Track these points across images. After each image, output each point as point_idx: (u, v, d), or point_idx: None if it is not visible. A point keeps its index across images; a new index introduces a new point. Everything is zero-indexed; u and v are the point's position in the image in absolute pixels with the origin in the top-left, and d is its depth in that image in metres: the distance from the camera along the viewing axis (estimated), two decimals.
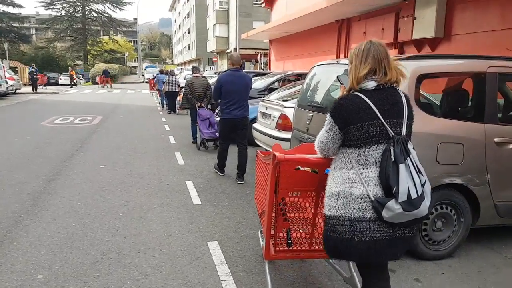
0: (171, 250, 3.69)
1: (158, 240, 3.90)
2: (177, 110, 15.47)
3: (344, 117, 2.06)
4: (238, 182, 6.00)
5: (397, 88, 2.13)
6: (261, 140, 7.04)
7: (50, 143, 8.83)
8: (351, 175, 2.06)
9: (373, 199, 1.99)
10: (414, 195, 1.96)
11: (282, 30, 23.34)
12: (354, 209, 2.01)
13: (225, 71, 6.33)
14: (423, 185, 2.01)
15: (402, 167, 1.96)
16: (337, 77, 2.42)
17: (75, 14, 56.97)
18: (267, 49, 38.86)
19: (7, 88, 22.07)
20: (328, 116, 2.15)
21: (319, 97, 4.27)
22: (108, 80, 37.25)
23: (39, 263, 3.37)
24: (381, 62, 2.08)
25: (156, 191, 5.50)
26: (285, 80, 12.66)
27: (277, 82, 12.28)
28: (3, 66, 22.59)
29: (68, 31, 57.47)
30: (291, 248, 2.70)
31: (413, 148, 2.06)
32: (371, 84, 2.07)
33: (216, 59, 49.82)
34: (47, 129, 10.94)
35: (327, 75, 4.35)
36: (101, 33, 63.09)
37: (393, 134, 2.02)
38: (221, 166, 6.37)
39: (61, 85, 39.88)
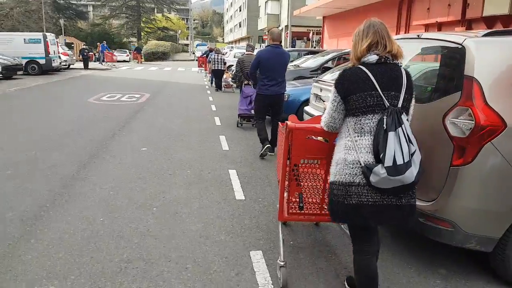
0: (206, 260, 3.09)
1: (193, 245, 3.32)
2: (223, 88, 15.45)
3: (345, 87, 2.20)
4: (269, 153, 6.09)
5: (399, 64, 2.25)
6: None
7: (93, 122, 8.55)
8: (347, 142, 2.21)
9: (363, 164, 2.12)
10: (399, 162, 2.05)
11: (337, 5, 22.01)
12: (346, 174, 2.17)
13: (266, 47, 6.27)
14: (412, 154, 2.11)
15: (391, 135, 2.05)
16: None
17: None
18: (319, 27, 37.46)
19: (60, 63, 22.53)
20: (332, 87, 2.28)
21: None
22: (138, 56, 40.36)
23: (54, 270, 2.89)
24: (382, 36, 2.22)
25: (196, 180, 4.94)
26: (341, 59, 11.68)
27: (331, 61, 11.34)
28: (57, 41, 23.04)
29: (123, 8, 58.53)
30: (302, 211, 2.90)
31: (407, 120, 2.18)
32: (373, 58, 2.20)
33: (266, 37, 48.74)
34: (93, 106, 10.75)
35: (405, 52, 3.50)
36: (155, 11, 63.75)
37: (389, 105, 2.13)
38: (262, 140, 6.13)
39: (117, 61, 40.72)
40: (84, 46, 29.20)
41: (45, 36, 20.67)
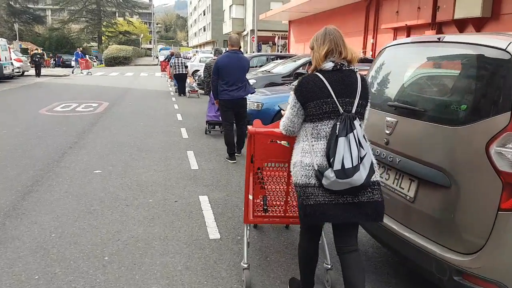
0: None
1: None
2: (187, 94, 15.04)
3: (303, 94, 2.29)
4: (236, 154, 6.31)
5: (355, 70, 2.33)
6: None
7: (42, 137, 7.51)
8: (305, 146, 2.31)
9: (316, 167, 2.22)
10: (348, 165, 2.13)
11: (303, 10, 21.62)
12: (302, 175, 2.27)
13: (224, 53, 6.41)
14: (361, 158, 2.17)
15: (341, 140, 2.15)
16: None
17: None
18: (285, 31, 37.15)
19: (12, 70, 20.91)
20: (291, 93, 2.36)
21: (406, 94, 2.76)
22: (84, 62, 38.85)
23: None
24: (337, 43, 2.31)
25: (160, 213, 4.11)
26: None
27: (303, 66, 10.75)
28: (9, 47, 21.41)
29: (83, 12, 56.31)
30: (267, 213, 2.93)
31: (360, 125, 2.23)
32: (329, 65, 2.28)
33: None
34: (44, 118, 9.64)
35: (416, 60, 2.84)
36: (116, 15, 61.77)
37: (342, 111, 2.22)
38: (230, 152, 6.24)
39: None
40: (36, 51, 25.76)
41: None
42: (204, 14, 67.54)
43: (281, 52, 32.39)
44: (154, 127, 8.79)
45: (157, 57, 49.18)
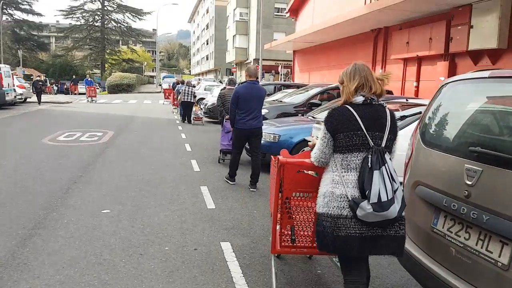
0: None
1: None
2: (192, 121, 15.38)
3: (334, 125, 2.36)
4: (251, 189, 6.22)
5: (384, 105, 2.41)
6: None
7: (43, 171, 7.04)
8: (335, 177, 2.36)
9: (350, 199, 2.26)
10: (384, 198, 2.19)
11: (308, 40, 21.55)
12: (334, 207, 2.29)
13: (242, 83, 6.46)
14: (395, 191, 2.23)
15: (376, 173, 2.20)
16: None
17: (95, 23, 56.26)
18: (288, 60, 37.31)
19: (15, 96, 20.64)
20: (322, 125, 2.44)
21: (489, 137, 2.33)
22: (76, 88, 39.80)
23: None
24: (367, 78, 2.39)
25: (178, 264, 3.61)
26: (324, 93, 10.80)
27: (316, 96, 10.41)
28: (12, 73, 21.23)
29: (87, 40, 56.81)
30: (295, 244, 3.00)
31: (390, 159, 2.31)
32: (359, 99, 2.36)
33: (235, 69, 48.34)
34: (47, 149, 9.20)
35: (492, 96, 2.43)
36: (120, 43, 62.38)
37: (373, 144, 2.28)
38: (232, 175, 6.48)
39: (79, 93, 38.74)
40: (38, 78, 25.54)
41: None
42: (207, 44, 68.38)
43: (284, 81, 32.40)
44: (162, 159, 8.34)
45: (160, 85, 49.28)
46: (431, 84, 13.44)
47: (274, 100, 11.26)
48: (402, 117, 4.70)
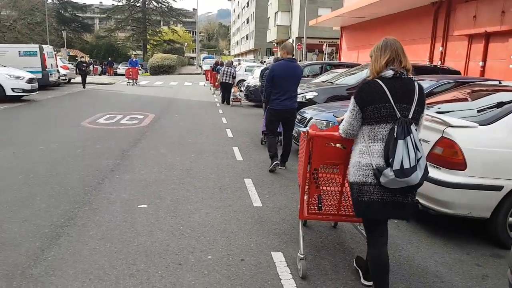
0: None
1: None
2: (231, 102, 15.23)
3: (363, 98, 2.48)
4: (280, 167, 6.10)
5: (414, 79, 2.53)
6: None
7: (80, 157, 6.68)
8: (362, 147, 2.51)
9: (374, 167, 2.42)
10: (406, 166, 2.33)
11: (359, 15, 20.19)
12: (360, 175, 2.48)
13: (279, 61, 6.02)
14: (418, 160, 2.38)
15: (400, 142, 2.34)
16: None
17: (136, 3, 56.56)
18: (332, 38, 35.71)
19: (58, 77, 20.79)
20: (352, 98, 2.56)
21: None
22: (111, 69, 40.14)
23: None
24: (398, 53, 2.50)
25: (223, 280, 3.03)
26: None
27: None
28: (55, 54, 21.37)
29: (129, 21, 57.33)
30: (321, 211, 3.17)
31: (416, 130, 2.42)
32: (389, 73, 2.48)
33: (276, 49, 47.17)
34: (85, 132, 8.91)
35: None
36: (161, 23, 62.60)
37: (400, 116, 2.41)
38: (272, 155, 6.07)
39: (119, 74, 39.13)
40: (82, 59, 23.79)
41: (41, 49, 18.97)
42: (248, 22, 67.28)
43: (330, 60, 31.11)
44: (203, 145, 7.81)
45: (200, 66, 49.05)
46: (501, 64, 12.10)
47: (323, 82, 10.41)
48: (500, 104, 3.84)
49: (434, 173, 3.78)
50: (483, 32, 12.42)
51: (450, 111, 4.33)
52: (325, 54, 32.72)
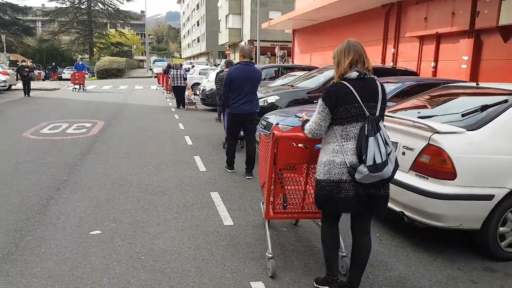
0: None
1: None
2: (186, 106, 14.91)
3: (332, 100, 2.59)
4: (247, 177, 5.90)
5: (375, 78, 2.66)
6: None
7: (21, 173, 5.91)
8: (335, 146, 2.62)
9: (348, 165, 2.55)
10: (378, 161, 2.46)
11: (311, 17, 20.22)
12: (335, 173, 2.59)
13: (235, 64, 6.07)
14: (388, 154, 2.51)
15: (371, 139, 2.48)
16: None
17: (81, 6, 54.09)
18: (284, 41, 35.87)
19: None
20: (320, 100, 2.67)
21: None
22: (55, 74, 38.48)
23: None
24: (361, 54, 2.62)
25: None
26: None
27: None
28: None
29: (74, 23, 54.70)
30: (286, 210, 3.30)
31: (384, 126, 2.58)
32: (354, 74, 2.59)
33: (229, 52, 46.79)
34: (28, 144, 8.03)
35: None
36: (108, 26, 60.30)
37: (369, 114, 2.55)
38: (229, 162, 6.17)
39: (64, 79, 37.10)
40: (24, 63, 20.51)
41: None
42: (198, 25, 66.45)
43: (283, 62, 31.11)
44: (161, 155, 7.23)
45: (151, 69, 47.63)
46: (452, 64, 12.36)
47: (283, 85, 10.11)
48: (484, 107, 3.63)
49: (421, 183, 3.52)
50: (434, 34, 12.67)
51: (432, 116, 4.08)
52: (278, 57, 32.76)
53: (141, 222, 4.16)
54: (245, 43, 40.42)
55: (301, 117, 3.14)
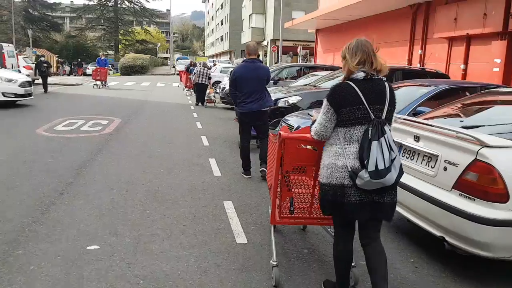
0: None
1: None
2: (205, 103, 14.81)
3: (337, 100, 2.45)
4: (261, 168, 5.76)
5: (383, 79, 2.52)
6: (403, 204, 3.52)
7: (28, 174, 5.58)
8: (337, 149, 2.49)
9: (350, 169, 2.41)
10: (381, 167, 2.33)
11: (335, 17, 19.59)
12: (337, 177, 2.45)
13: (241, 62, 5.95)
14: (392, 160, 2.39)
15: (374, 143, 2.35)
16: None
17: (108, 3, 54.66)
18: (306, 41, 35.23)
19: None
20: (325, 100, 2.52)
21: None
22: (80, 70, 37.82)
23: None
24: (368, 54, 2.46)
25: None
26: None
27: None
28: (17, 53, 19.83)
29: (101, 20, 55.33)
30: (293, 214, 3.08)
31: (389, 130, 2.45)
32: (360, 75, 2.45)
33: None
34: (39, 141, 7.76)
35: None
36: (134, 24, 60.79)
37: (374, 117, 2.40)
38: (245, 166, 5.83)
39: (88, 75, 37.37)
40: (43, 58, 19.10)
41: (0, 47, 17.50)
42: (222, 24, 66.39)
43: (305, 62, 30.53)
44: (175, 157, 6.83)
45: (174, 67, 47.64)
46: (483, 67, 11.63)
47: (306, 85, 9.60)
48: None
49: (466, 205, 2.97)
50: (465, 35, 11.97)
51: (477, 126, 3.51)
52: (300, 56, 32.22)
53: (144, 236, 3.73)
54: (267, 43, 39.97)
55: (312, 116, 2.94)
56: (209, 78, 14.98)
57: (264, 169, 5.58)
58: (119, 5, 55.25)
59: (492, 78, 10.91)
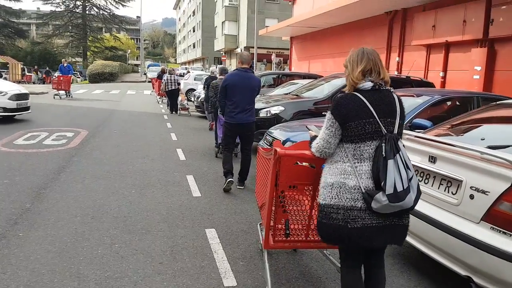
0: None
1: None
2: (179, 111, 14.71)
3: (343, 114, 2.20)
4: (238, 186, 5.62)
5: (391, 90, 2.30)
6: (421, 237, 3.04)
7: None
8: (346, 167, 2.21)
9: (364, 191, 2.15)
10: (400, 189, 2.09)
11: (310, 24, 19.33)
12: (347, 198, 2.17)
13: (233, 71, 5.80)
14: (410, 180, 2.14)
15: (390, 162, 2.10)
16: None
17: (76, 9, 53.09)
18: (281, 49, 35.05)
19: None
20: (328, 113, 2.28)
21: None
22: (49, 78, 34.15)
23: None
24: (375, 63, 2.26)
25: None
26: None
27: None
28: None
29: (69, 27, 53.72)
30: (288, 238, 2.82)
31: (403, 146, 2.21)
32: (368, 85, 2.22)
33: (224, 58, 45.89)
34: None
35: None
36: (103, 30, 59.35)
37: (386, 132, 2.18)
38: (227, 172, 5.52)
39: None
40: None
41: None
42: (194, 31, 65.76)
43: (280, 69, 30.30)
44: (148, 174, 6.19)
45: (145, 74, 46.54)
46: (463, 74, 11.49)
47: (286, 94, 9.13)
48: None
49: (499, 241, 2.51)
50: (443, 42, 11.84)
51: (505, 146, 3.07)
52: (274, 64, 32.01)
53: (111, 279, 3.10)
54: (241, 50, 39.60)
55: (312, 130, 2.74)
56: (178, 84, 15.01)
57: (241, 187, 5.62)
58: (87, 12, 53.84)
59: (472, 85, 10.78)
